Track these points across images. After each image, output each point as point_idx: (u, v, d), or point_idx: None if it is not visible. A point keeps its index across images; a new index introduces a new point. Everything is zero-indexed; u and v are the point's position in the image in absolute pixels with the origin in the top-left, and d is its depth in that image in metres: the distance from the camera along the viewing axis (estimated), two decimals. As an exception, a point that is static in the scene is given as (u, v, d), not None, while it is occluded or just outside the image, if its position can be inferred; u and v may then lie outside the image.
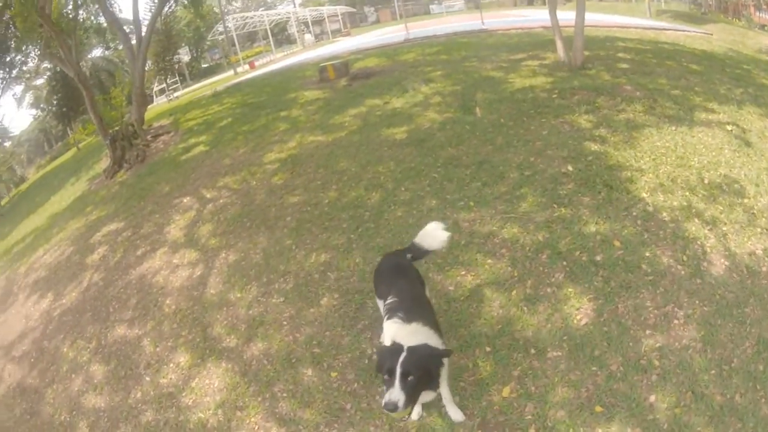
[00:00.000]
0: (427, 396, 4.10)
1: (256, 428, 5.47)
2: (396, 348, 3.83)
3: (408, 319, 4.23)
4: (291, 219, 8.62)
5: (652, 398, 4.49)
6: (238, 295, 7.37)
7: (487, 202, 7.43)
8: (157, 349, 7.16)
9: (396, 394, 3.57)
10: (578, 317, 5.38)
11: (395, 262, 5.29)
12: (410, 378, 3.64)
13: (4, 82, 33.13)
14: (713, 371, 4.62)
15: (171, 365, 6.78)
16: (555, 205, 6.99)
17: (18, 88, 44.49)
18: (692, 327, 5.07)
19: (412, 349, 3.77)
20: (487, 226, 6.95)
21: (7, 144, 58.60)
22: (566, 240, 6.36)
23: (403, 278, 4.94)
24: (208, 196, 10.87)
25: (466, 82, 13.02)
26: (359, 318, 6.24)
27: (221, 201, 10.34)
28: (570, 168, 7.70)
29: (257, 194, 9.97)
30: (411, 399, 3.67)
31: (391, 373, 3.65)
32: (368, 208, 8.19)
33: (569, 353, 5.04)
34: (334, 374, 5.65)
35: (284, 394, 5.68)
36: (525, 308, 5.66)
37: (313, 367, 5.83)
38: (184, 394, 6.25)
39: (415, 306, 4.48)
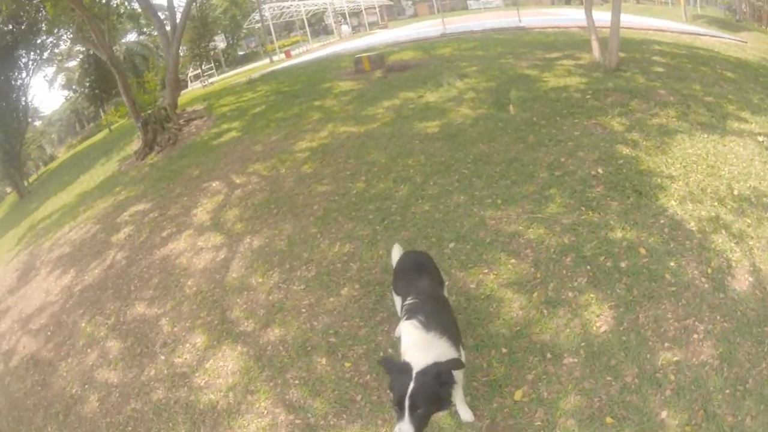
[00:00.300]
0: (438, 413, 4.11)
1: (265, 413, 5.55)
2: (406, 370, 3.78)
3: (428, 325, 4.15)
4: (318, 208, 8.71)
5: (664, 414, 4.42)
6: (260, 281, 7.48)
7: (515, 201, 7.41)
8: (175, 328, 7.29)
9: (406, 427, 3.58)
10: (598, 324, 5.33)
11: (418, 259, 5.30)
12: (418, 411, 3.64)
13: (35, 64, 34.02)
14: (727, 391, 4.53)
15: (187, 345, 6.90)
16: (583, 208, 6.95)
17: (49, 70, 45.58)
18: (711, 343, 4.95)
19: (421, 376, 3.71)
20: (513, 225, 6.94)
21: (37, 123, 59.53)
22: (592, 244, 6.30)
23: (425, 277, 4.91)
24: (237, 181, 11.02)
25: (500, 79, 12.98)
26: (378, 310, 6.27)
27: (250, 187, 10.52)
28: (600, 171, 7.65)
29: (286, 181, 10.10)
30: (422, 428, 3.67)
31: (401, 404, 3.64)
32: (396, 200, 8.21)
33: (585, 360, 5.00)
34: (347, 365, 5.70)
35: (296, 381, 5.75)
36: (545, 311, 5.62)
37: (327, 357, 5.89)
38: (197, 375, 6.37)
39: (436, 310, 4.41)
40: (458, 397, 4.67)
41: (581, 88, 11.04)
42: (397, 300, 5.17)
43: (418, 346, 4.05)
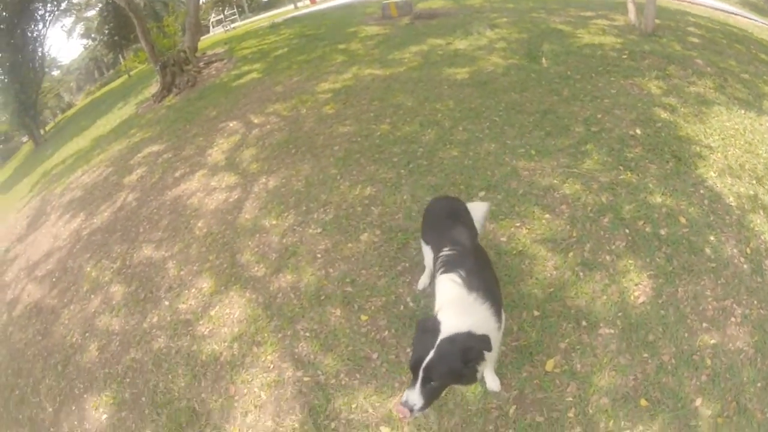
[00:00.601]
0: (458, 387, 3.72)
1: (271, 367, 5.18)
2: (431, 330, 3.37)
3: (470, 284, 3.66)
4: (339, 149, 8.35)
5: (698, 401, 4.15)
6: (273, 222, 7.11)
7: (549, 153, 7.05)
8: (181, 272, 6.95)
9: (414, 397, 3.22)
10: (636, 293, 5.03)
11: (452, 206, 4.74)
12: (432, 383, 3.26)
13: (52, 15, 34.80)
14: (759, 384, 4.27)
15: (192, 290, 6.55)
16: (621, 167, 6.60)
17: (67, 20, 46.38)
18: (747, 329, 4.67)
19: (446, 345, 3.28)
20: (547, 178, 6.58)
21: (55, 73, 60.45)
22: (630, 206, 5.97)
23: (462, 227, 4.36)
24: (256, 121, 10.71)
25: (532, 32, 12.57)
26: (399, 259, 5.85)
27: (268, 127, 10.20)
28: (638, 131, 7.32)
29: (306, 122, 9.75)
30: (430, 402, 3.32)
31: (415, 369, 3.26)
32: (422, 144, 7.84)
33: (622, 333, 4.70)
34: (364, 318, 5.32)
35: (307, 334, 5.36)
36: (581, 274, 5.26)
37: (342, 308, 5.50)
38: (201, 323, 6.01)
39: (478, 266, 3.89)
40: (488, 364, 4.20)
41: (617, 47, 10.67)
42: (427, 250, 4.70)
43: (456, 306, 3.59)
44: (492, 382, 4.39)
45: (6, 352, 7.65)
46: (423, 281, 5.34)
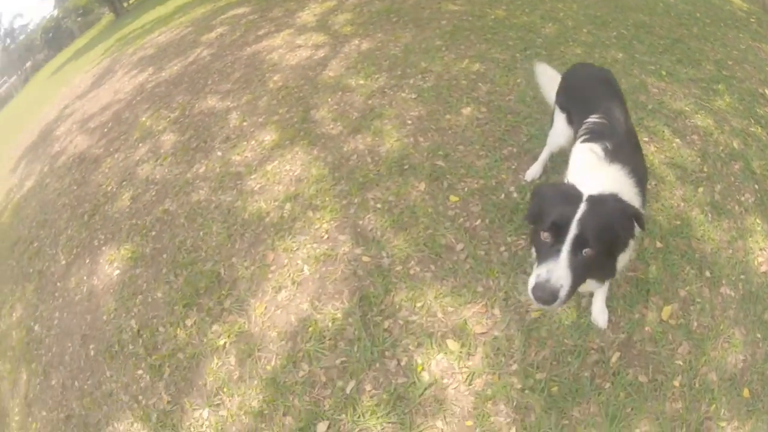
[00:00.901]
0: (590, 285, 2.78)
1: (325, 237, 4.53)
2: (570, 192, 2.49)
3: (614, 157, 2.86)
4: (447, 23, 7.67)
5: None
6: (361, 82, 6.52)
7: (680, 80, 6.43)
8: (244, 123, 6.46)
9: (560, 273, 2.24)
10: (759, 260, 4.37)
11: (603, 74, 3.90)
12: (586, 251, 2.30)
13: None
14: None
15: (252, 142, 6.01)
16: (752, 119, 5.93)
17: None
18: None
19: (596, 201, 2.40)
20: (678, 102, 5.97)
21: None
22: (760, 162, 5.31)
23: (617, 100, 3.54)
24: None
25: None
26: (507, 142, 5.10)
27: None
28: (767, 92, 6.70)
29: None
30: (577, 287, 2.35)
31: (559, 231, 2.32)
32: (541, 35, 7.25)
33: (742, 300, 4.03)
34: (454, 199, 4.57)
35: (378, 205, 4.67)
36: (709, 215, 4.63)
37: (428, 182, 4.77)
38: (252, 177, 5.47)
39: (630, 144, 3.13)
40: (600, 290, 3.60)
41: (744, 9, 9.83)
42: (560, 118, 3.93)
43: (596, 175, 2.78)
44: (599, 313, 3.68)
45: (37, 203, 7.72)
46: (534, 171, 4.56)
